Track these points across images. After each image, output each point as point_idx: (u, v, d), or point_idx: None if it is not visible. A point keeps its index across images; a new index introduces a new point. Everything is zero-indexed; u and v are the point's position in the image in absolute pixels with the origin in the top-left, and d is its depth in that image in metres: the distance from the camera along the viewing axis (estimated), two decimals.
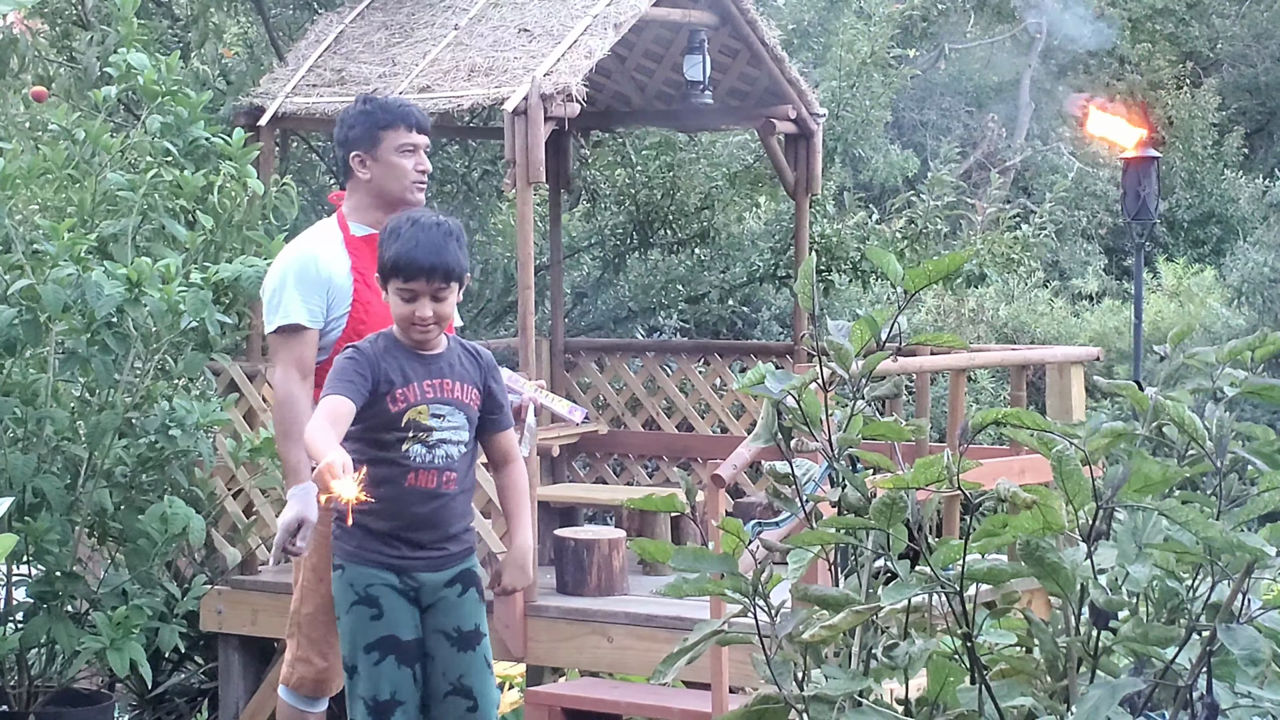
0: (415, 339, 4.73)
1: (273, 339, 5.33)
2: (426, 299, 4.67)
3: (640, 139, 11.75)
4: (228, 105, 9.05)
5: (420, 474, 4.72)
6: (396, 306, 4.70)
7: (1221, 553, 3.17)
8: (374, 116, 5.37)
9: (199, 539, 6.88)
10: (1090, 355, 7.89)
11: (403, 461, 4.70)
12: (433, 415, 4.73)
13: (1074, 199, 23.39)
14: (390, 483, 4.68)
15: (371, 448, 4.68)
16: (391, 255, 4.68)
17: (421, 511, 4.73)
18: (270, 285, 5.33)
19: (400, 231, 4.69)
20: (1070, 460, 3.37)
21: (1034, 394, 11.41)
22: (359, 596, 4.73)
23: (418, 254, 4.66)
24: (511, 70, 8.06)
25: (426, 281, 4.66)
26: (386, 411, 4.69)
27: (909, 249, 11.32)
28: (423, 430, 4.71)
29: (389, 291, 4.71)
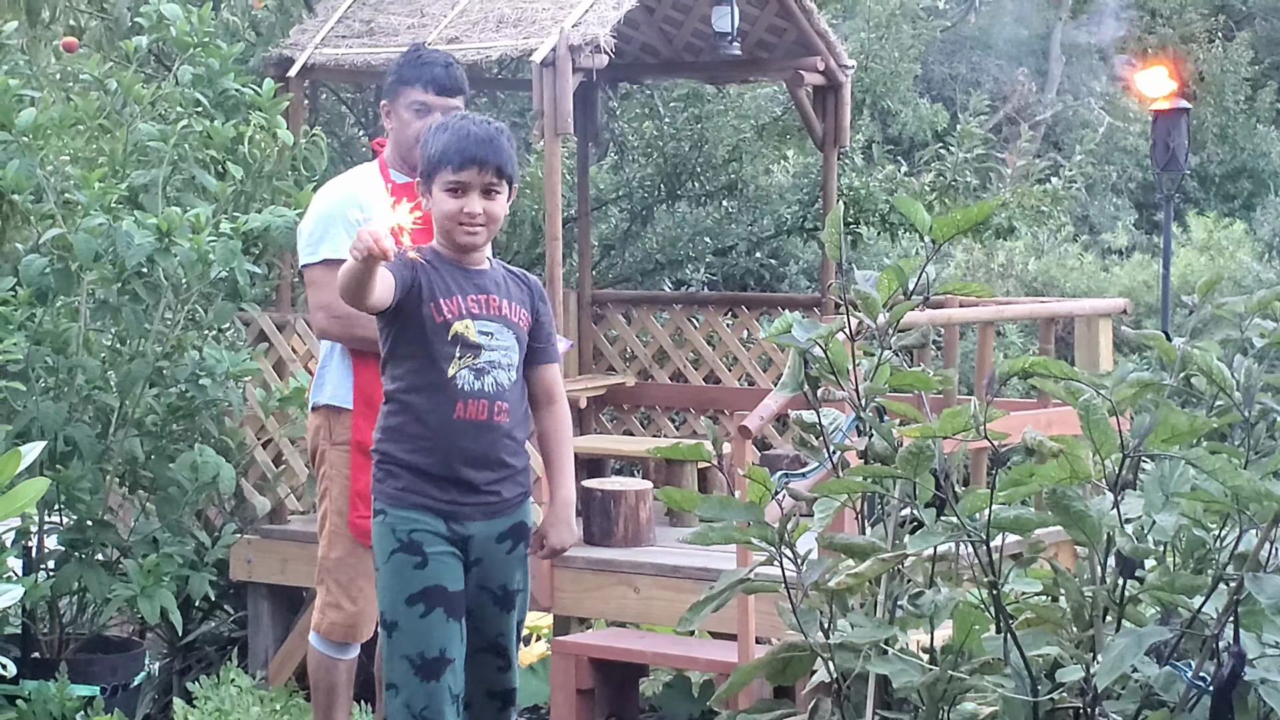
0: (462, 241, 4.35)
1: (313, 273, 5.23)
2: (476, 193, 4.33)
3: (668, 91, 11.73)
4: (257, 56, 9.06)
5: (470, 403, 4.30)
6: (442, 203, 4.33)
7: (1249, 502, 3.18)
8: (401, 69, 5.36)
9: (229, 488, 6.92)
10: (1118, 307, 7.87)
11: (449, 389, 4.30)
12: (480, 333, 4.34)
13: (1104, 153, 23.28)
14: (436, 413, 4.30)
15: (414, 371, 4.33)
16: (440, 145, 4.34)
17: (472, 447, 4.31)
18: (314, 218, 5.26)
19: (449, 124, 4.38)
20: (1097, 409, 3.38)
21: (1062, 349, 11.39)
22: (401, 543, 4.31)
23: (469, 143, 4.32)
24: (540, 21, 8.04)
25: (479, 171, 4.31)
26: (431, 321, 4.30)
27: (938, 201, 11.29)
28: (470, 349, 4.30)
29: (434, 190, 4.35)
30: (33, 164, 6.72)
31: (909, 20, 13.68)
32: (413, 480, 4.32)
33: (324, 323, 5.20)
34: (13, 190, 6.65)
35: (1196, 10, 28.21)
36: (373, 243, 3.95)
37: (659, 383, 10.03)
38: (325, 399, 5.33)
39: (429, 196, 4.36)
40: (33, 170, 6.71)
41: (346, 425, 5.26)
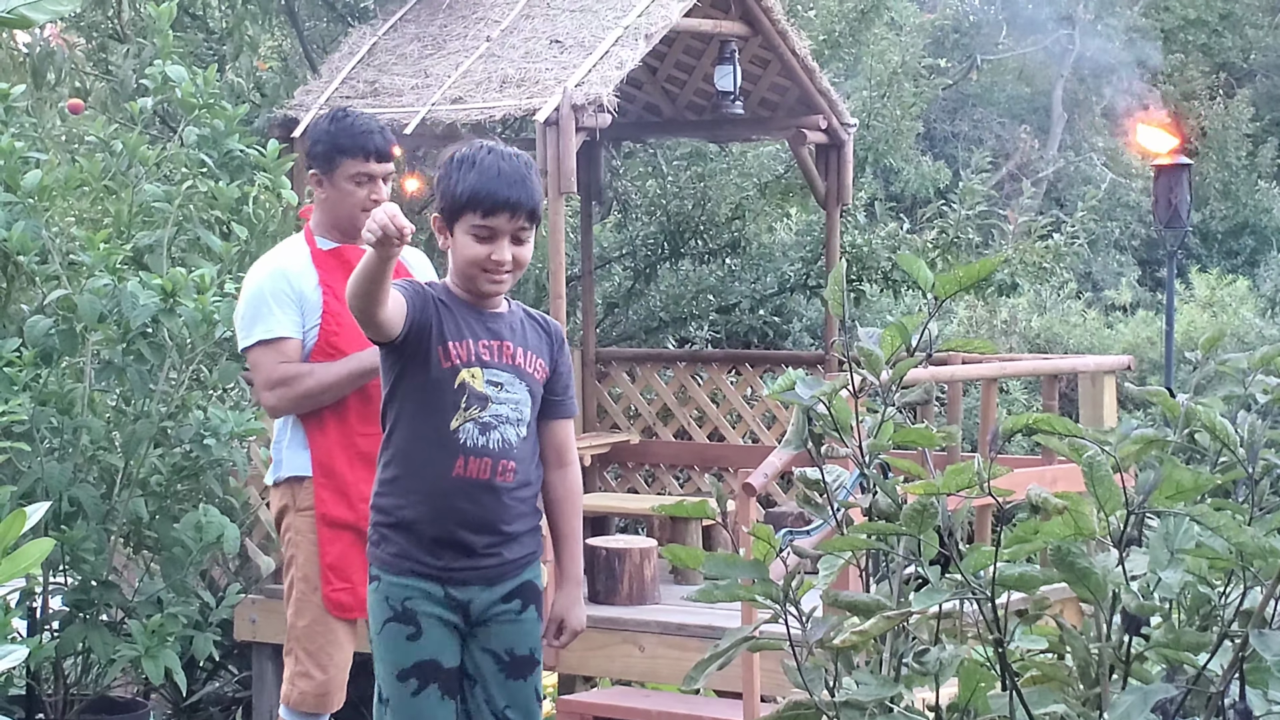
0: (485, 290, 3.98)
1: (252, 356, 5.13)
2: (506, 239, 3.95)
3: (671, 149, 11.77)
4: (262, 117, 9.11)
5: (471, 461, 3.95)
6: (467, 248, 3.95)
7: (1253, 558, 3.17)
8: (335, 138, 5.18)
9: (233, 548, 6.92)
10: (1122, 364, 7.88)
11: (450, 443, 3.94)
12: (488, 383, 3.97)
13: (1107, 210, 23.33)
14: (433, 468, 3.95)
15: (414, 417, 3.95)
16: (469, 186, 3.93)
17: (470, 509, 3.97)
18: (246, 301, 5.15)
19: (477, 160, 3.96)
20: (1101, 466, 3.37)
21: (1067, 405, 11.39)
22: (395, 612, 3.99)
23: (500, 185, 3.92)
24: (543, 81, 8.09)
25: (510, 217, 3.94)
26: (436, 366, 3.93)
27: (941, 258, 11.32)
28: (477, 400, 3.94)
29: (455, 232, 3.97)
30: (38, 225, 6.75)
31: (910, 78, 13.73)
32: (406, 543, 3.99)
33: (272, 399, 5.11)
34: (18, 251, 6.68)
35: (1198, 68, 28.34)
36: (388, 221, 3.60)
37: (663, 440, 10.04)
38: (285, 473, 5.20)
39: (448, 236, 4.01)
40: (38, 231, 6.74)
41: (309, 493, 5.14)
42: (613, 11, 8.54)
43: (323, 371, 5.02)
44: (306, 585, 5.14)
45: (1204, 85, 27.99)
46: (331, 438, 5.07)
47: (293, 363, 5.03)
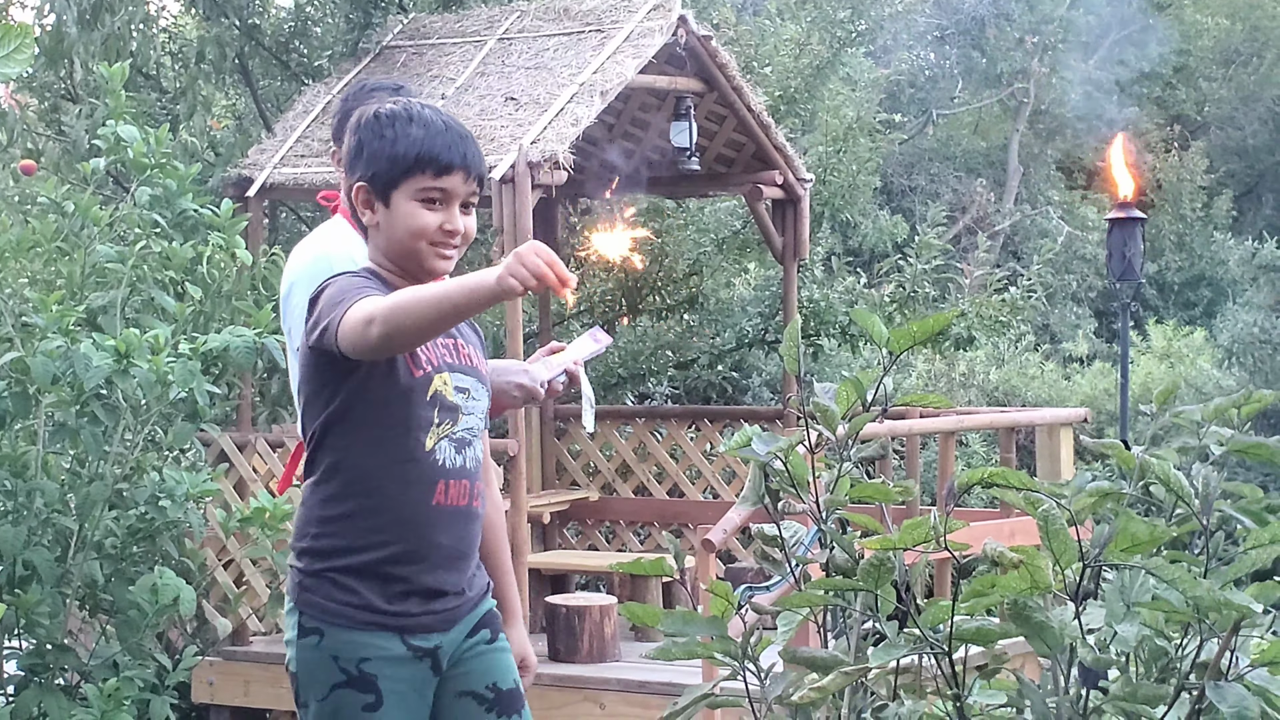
0: (434, 267, 3.36)
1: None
2: (456, 206, 3.36)
3: (628, 205, 11.79)
4: (216, 176, 9.09)
5: (452, 485, 3.35)
6: (412, 217, 3.32)
7: (1209, 611, 3.17)
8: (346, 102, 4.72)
9: (189, 610, 6.86)
10: (1078, 417, 7.90)
11: (428, 466, 3.32)
12: (456, 390, 3.37)
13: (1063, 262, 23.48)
14: (408, 499, 3.31)
15: (376, 442, 3.29)
16: (415, 143, 3.31)
17: (449, 543, 3.36)
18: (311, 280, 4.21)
19: (414, 114, 3.34)
20: (1056, 520, 3.37)
21: (1025, 457, 11.41)
22: (347, 676, 3.30)
23: (453, 140, 3.34)
24: (498, 139, 8.10)
25: (465, 178, 3.35)
26: (405, 374, 3.30)
27: (898, 312, 11.35)
28: (449, 412, 3.34)
29: (395, 200, 3.33)
30: None
31: (866, 134, 13.81)
32: (363, 590, 3.30)
33: None
34: None
35: (1152, 120, 28.58)
36: (546, 270, 3.00)
37: (622, 497, 10.02)
38: None
39: (377, 207, 3.36)
40: None
41: None
42: (568, 69, 8.57)
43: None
44: None
45: (1159, 138, 28.23)
46: None
47: None
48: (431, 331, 3.16)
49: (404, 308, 3.08)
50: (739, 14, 17.34)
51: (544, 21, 9.15)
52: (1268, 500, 3.55)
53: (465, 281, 3.07)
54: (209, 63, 10.29)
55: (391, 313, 3.08)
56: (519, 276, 2.99)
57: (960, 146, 27.30)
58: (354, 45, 9.90)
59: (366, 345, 3.13)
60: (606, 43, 8.70)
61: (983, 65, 27.76)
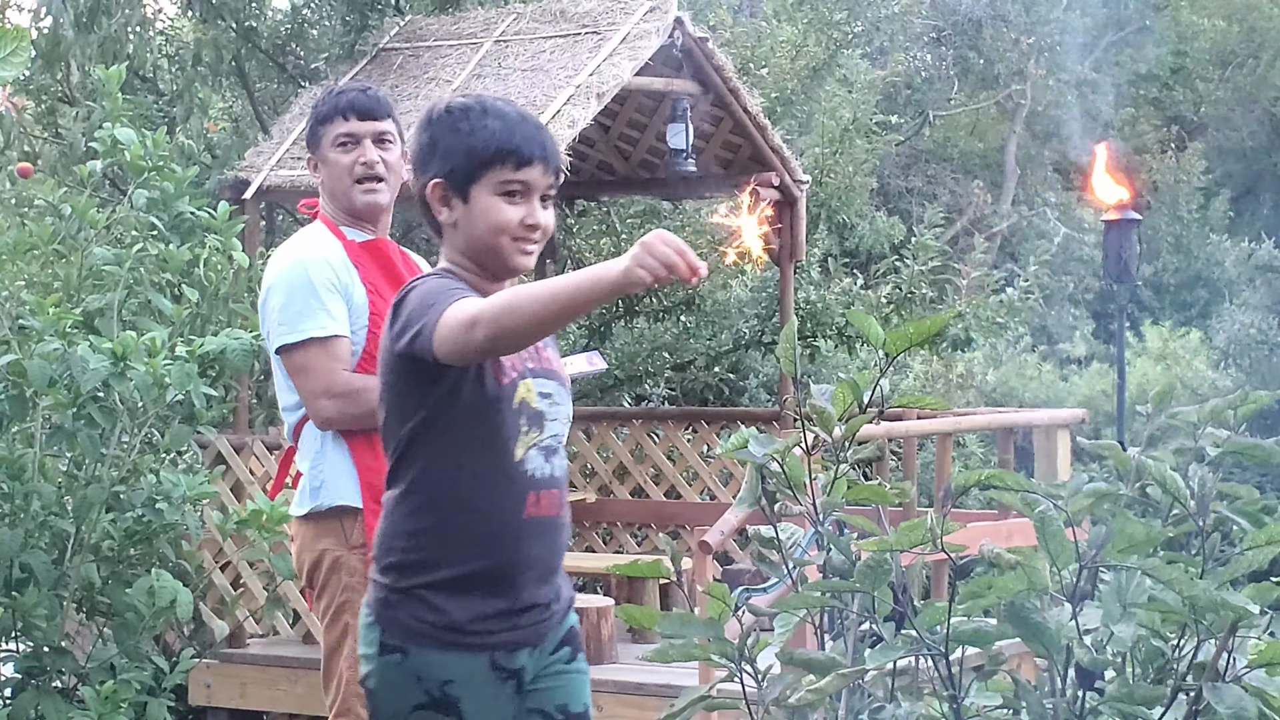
0: (516, 264, 3.22)
1: (298, 356, 4.41)
2: (537, 199, 3.21)
3: (625, 207, 11.80)
4: (213, 179, 9.09)
5: (543, 496, 3.23)
6: (493, 212, 3.17)
7: (1206, 612, 3.18)
8: (317, 110, 4.60)
9: (186, 612, 6.86)
10: (1076, 418, 7.91)
11: (519, 478, 3.20)
12: (540, 395, 3.24)
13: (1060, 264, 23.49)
14: (499, 513, 3.19)
15: (465, 452, 3.15)
16: (494, 135, 3.18)
17: (541, 555, 3.24)
18: (289, 291, 4.44)
19: (489, 107, 3.22)
20: (1053, 521, 3.38)
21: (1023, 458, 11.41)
22: (429, 698, 3.15)
23: (530, 130, 3.22)
24: None
25: (544, 171, 3.21)
26: (491, 381, 3.15)
27: (895, 314, 11.36)
28: (535, 420, 3.21)
29: (475, 195, 3.18)
30: None
31: (863, 135, 13.82)
32: (450, 609, 3.16)
33: (331, 410, 4.38)
34: None
35: (1149, 121, 28.60)
36: (678, 260, 2.85)
37: (619, 499, 10.01)
38: (331, 500, 4.47)
39: (455, 204, 3.22)
40: None
41: (362, 528, 4.44)
42: (564, 71, 8.57)
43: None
44: None
45: (1155, 139, 28.25)
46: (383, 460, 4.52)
47: (353, 371, 4.39)
48: (541, 332, 3.04)
49: (512, 308, 2.93)
50: (735, 16, 17.35)
51: (540, 24, 9.16)
52: (1264, 501, 3.55)
53: (581, 277, 2.92)
54: (206, 65, 10.29)
55: (499, 315, 2.94)
56: (648, 267, 2.86)
57: (957, 148, 27.31)
58: (350, 48, 9.91)
59: (469, 350, 3.00)
60: (603, 45, 8.70)
61: (979, 67, 27.77)
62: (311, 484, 4.51)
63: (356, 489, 4.45)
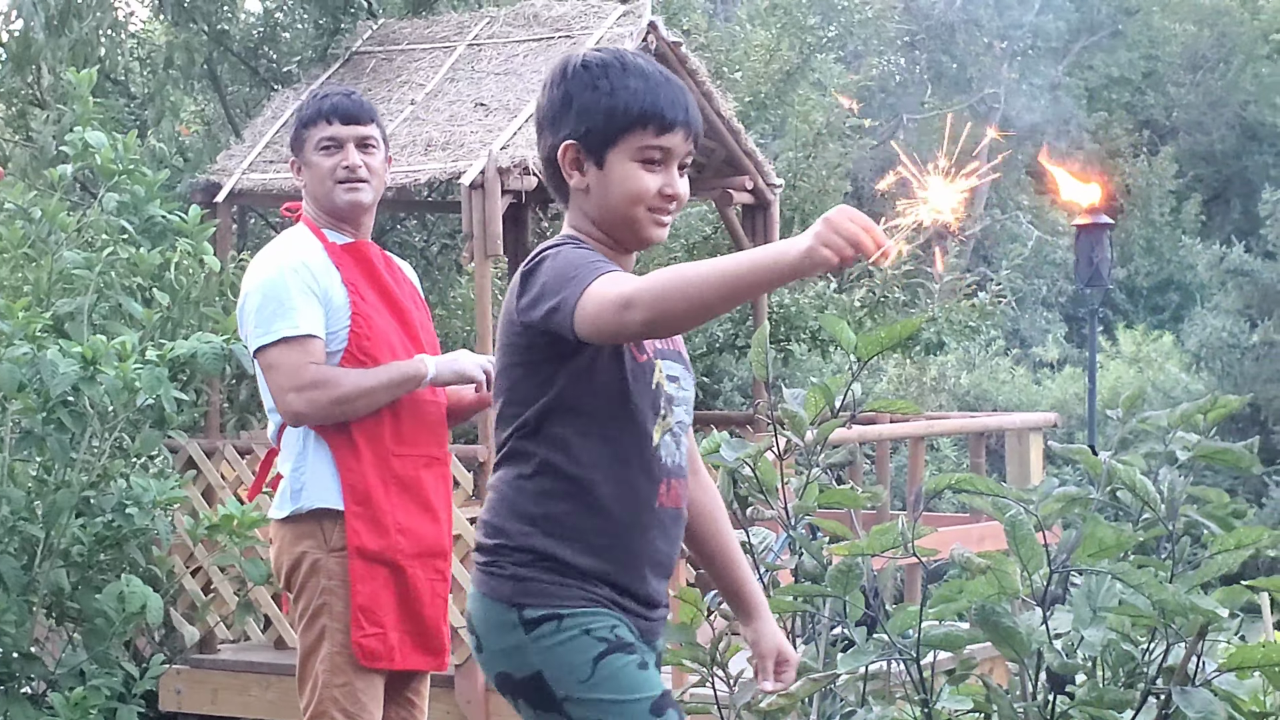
0: (650, 235, 3.00)
1: (271, 355, 4.40)
2: (675, 167, 2.98)
3: None
4: (185, 182, 9.06)
5: (672, 485, 3.00)
6: (631, 179, 2.95)
7: (1175, 616, 3.18)
8: (301, 114, 4.61)
9: (157, 618, 6.83)
10: (1048, 421, 7.92)
11: (653, 464, 2.97)
12: (669, 378, 3.01)
13: (1033, 267, 23.55)
14: (631, 501, 2.96)
15: (597, 435, 2.93)
16: (637, 96, 2.95)
17: (665, 549, 3.00)
18: (265, 293, 4.44)
19: (629, 64, 2.98)
20: (1023, 525, 3.38)
21: (996, 461, 11.43)
22: (609, 643, 2.89)
23: (673, 93, 2.98)
24: (468, 145, 8.09)
25: (685, 136, 2.97)
26: (630, 359, 2.94)
27: (869, 317, 11.37)
28: (668, 403, 2.99)
29: (611, 160, 2.96)
30: None
31: (836, 139, 13.82)
32: (587, 581, 2.93)
33: (300, 403, 4.37)
34: None
35: (1121, 126, 28.70)
36: (864, 237, 2.65)
37: None
38: (312, 503, 4.43)
39: (587, 168, 2.98)
40: None
41: (342, 531, 4.40)
42: (537, 75, 8.56)
43: (359, 377, 4.39)
44: (348, 638, 4.39)
45: (1128, 143, 28.35)
46: (365, 460, 4.42)
47: (323, 365, 4.40)
48: (707, 316, 2.76)
49: (676, 290, 2.69)
50: (710, 20, 17.36)
51: (514, 28, 9.15)
52: (1233, 505, 3.56)
53: (756, 257, 2.67)
54: (177, 68, 10.25)
55: (661, 296, 2.70)
56: (833, 245, 2.63)
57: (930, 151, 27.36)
58: (323, 51, 9.89)
59: (620, 332, 2.77)
60: (576, 49, 8.68)
61: (953, 70, 27.84)
62: (293, 486, 4.49)
63: (338, 491, 4.43)
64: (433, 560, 4.51)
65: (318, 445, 4.45)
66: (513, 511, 2.96)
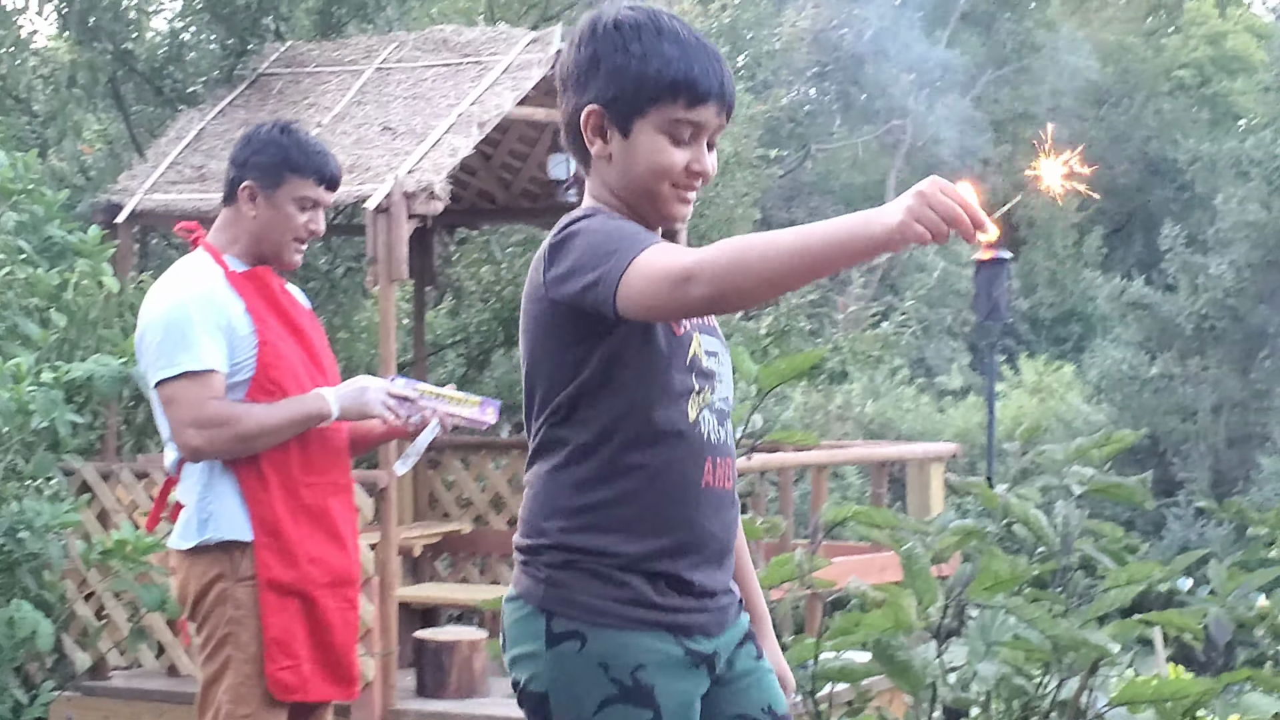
0: (674, 212, 2.84)
1: (177, 387, 4.33)
2: (704, 142, 2.81)
3: (506, 236, 11.76)
4: (86, 202, 8.95)
5: (718, 463, 2.82)
6: (658, 152, 2.78)
7: (1068, 650, 3.20)
8: (288, 153, 4.51)
9: (48, 644, 6.72)
10: (948, 452, 7.96)
11: (694, 440, 2.79)
12: (707, 353, 2.85)
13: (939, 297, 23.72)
14: (675, 479, 2.78)
15: (634, 413, 2.76)
16: (669, 63, 2.77)
17: (718, 532, 2.83)
18: (166, 327, 4.36)
19: (663, 27, 2.80)
20: (919, 559, 3.39)
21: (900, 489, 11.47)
22: (622, 688, 2.72)
23: (709, 62, 2.79)
24: (375, 168, 8.04)
25: (718, 109, 2.80)
26: (667, 334, 2.77)
27: (774, 346, 11.41)
28: (705, 378, 2.82)
29: (638, 130, 2.79)
30: None
31: (744, 168, 13.87)
32: (633, 582, 2.74)
33: (199, 440, 4.31)
34: None
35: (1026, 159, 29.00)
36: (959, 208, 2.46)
37: (495, 529, 9.95)
38: (221, 534, 4.36)
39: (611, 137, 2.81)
40: None
41: (251, 560, 4.34)
42: (446, 99, 8.53)
43: (262, 413, 4.35)
44: (253, 668, 4.33)
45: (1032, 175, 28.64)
46: (273, 491, 4.38)
47: (224, 400, 4.34)
48: (777, 292, 2.55)
49: (747, 262, 2.50)
50: None
51: (423, 52, 9.11)
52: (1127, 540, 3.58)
53: (836, 228, 2.47)
54: (81, 87, 10.14)
55: (728, 269, 2.51)
56: (926, 221, 2.42)
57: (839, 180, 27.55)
58: (229, 72, 9.80)
59: (676, 306, 2.58)
60: (485, 74, 8.67)
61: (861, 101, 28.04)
62: (199, 516, 4.42)
63: (246, 522, 4.38)
64: (343, 589, 4.47)
65: (223, 475, 4.40)
66: (549, 506, 2.79)
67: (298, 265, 4.53)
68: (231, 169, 4.53)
